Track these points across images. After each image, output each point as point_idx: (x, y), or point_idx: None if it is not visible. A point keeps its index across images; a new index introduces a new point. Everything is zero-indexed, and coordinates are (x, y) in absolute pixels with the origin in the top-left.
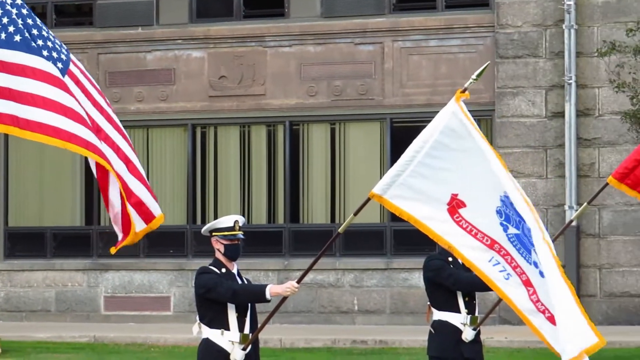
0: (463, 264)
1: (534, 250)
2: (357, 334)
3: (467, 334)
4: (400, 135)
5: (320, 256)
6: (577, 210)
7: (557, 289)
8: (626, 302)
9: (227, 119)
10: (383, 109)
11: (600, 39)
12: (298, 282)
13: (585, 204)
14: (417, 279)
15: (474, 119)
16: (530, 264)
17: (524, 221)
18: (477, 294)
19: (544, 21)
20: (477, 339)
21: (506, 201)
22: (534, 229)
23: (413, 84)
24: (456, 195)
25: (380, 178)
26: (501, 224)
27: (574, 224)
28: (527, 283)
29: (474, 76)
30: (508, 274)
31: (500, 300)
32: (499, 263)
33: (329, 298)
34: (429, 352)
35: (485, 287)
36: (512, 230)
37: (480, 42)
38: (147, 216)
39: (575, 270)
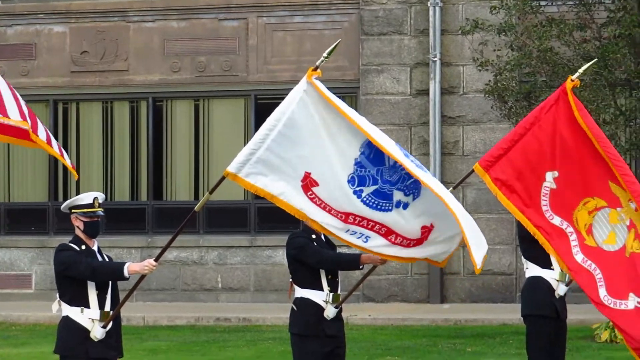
0: (327, 241)
1: (400, 184)
2: (220, 312)
3: (329, 312)
4: (265, 111)
5: (177, 234)
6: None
7: (447, 202)
8: (489, 280)
9: (89, 95)
10: (247, 85)
11: (464, 17)
12: (156, 260)
13: (450, 189)
14: (281, 256)
15: (339, 96)
16: (390, 210)
17: (387, 162)
18: (340, 272)
19: None
20: (339, 317)
21: (363, 158)
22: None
23: (277, 60)
24: (309, 173)
25: None
26: (355, 192)
27: None
28: (388, 232)
29: (325, 54)
30: (367, 236)
31: (363, 278)
32: (355, 233)
33: (192, 275)
34: (291, 329)
35: (348, 266)
36: (367, 190)
37: (345, 19)
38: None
39: None
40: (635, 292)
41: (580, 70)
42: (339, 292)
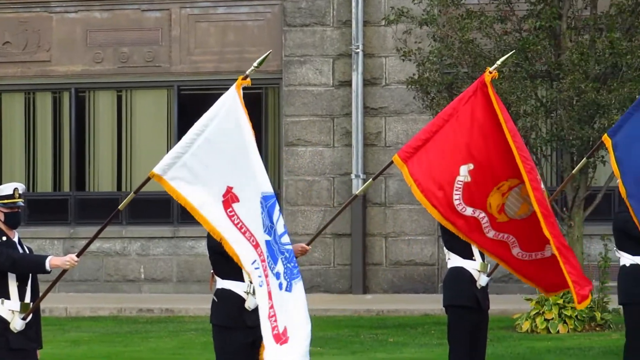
0: None
1: (281, 259)
2: (143, 303)
3: (250, 303)
4: (188, 103)
5: (100, 232)
6: (363, 179)
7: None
8: (411, 271)
9: (11, 86)
10: (170, 76)
11: (387, 8)
12: (78, 255)
13: (370, 180)
14: (204, 247)
15: (262, 88)
16: (273, 274)
17: (275, 226)
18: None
19: None
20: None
21: (263, 203)
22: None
23: (201, 51)
24: (231, 188)
25: (168, 146)
26: (263, 225)
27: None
28: (269, 295)
29: (255, 64)
30: (262, 281)
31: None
32: (259, 268)
33: (115, 266)
34: (212, 320)
35: None
36: (265, 236)
37: (269, 10)
38: None
39: (362, 239)
40: (546, 244)
41: (498, 62)
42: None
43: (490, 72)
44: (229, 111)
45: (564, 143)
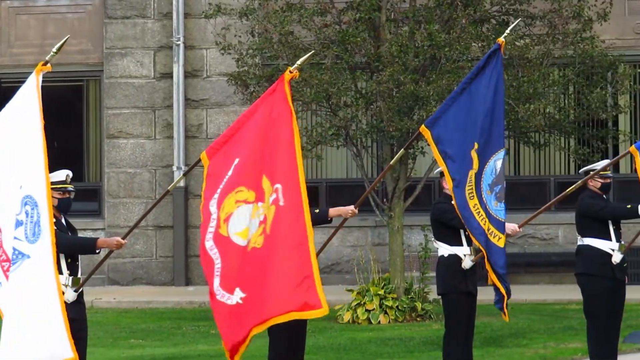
0: (67, 224)
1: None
2: None
3: (69, 295)
4: (10, 96)
5: None
6: (185, 170)
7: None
8: None
9: None
10: None
11: (207, 1)
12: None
13: (181, 175)
14: None
15: (83, 80)
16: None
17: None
18: (82, 256)
19: None
20: (80, 300)
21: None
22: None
23: (21, 44)
24: None
25: None
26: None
27: (182, 184)
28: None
29: (54, 49)
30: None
31: (101, 262)
32: None
33: None
34: None
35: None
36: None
37: (89, 2)
38: None
39: (184, 231)
40: (241, 287)
41: (299, 62)
42: (79, 275)
43: (291, 72)
44: (24, 102)
45: (384, 134)
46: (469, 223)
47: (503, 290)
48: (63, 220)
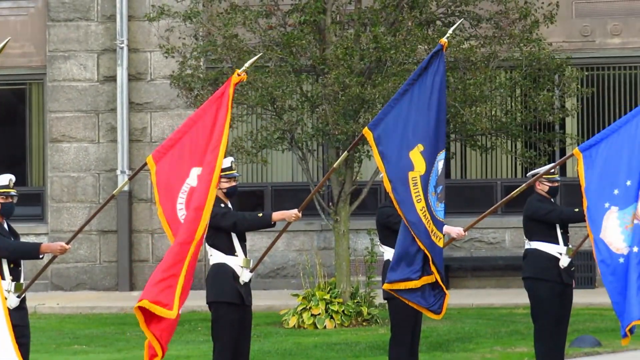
0: (10, 229)
1: None
2: None
3: (12, 302)
4: None
5: None
6: (129, 175)
7: None
8: None
9: None
10: None
11: (150, 4)
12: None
13: (127, 179)
14: None
15: (26, 83)
16: None
17: None
18: (26, 262)
19: None
20: (22, 306)
21: None
22: None
23: None
24: None
25: None
26: None
27: (126, 188)
28: None
29: None
30: None
31: (44, 268)
32: None
33: None
34: None
35: (28, 255)
36: None
37: (32, 5)
38: None
39: (128, 236)
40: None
41: (246, 65)
42: (21, 281)
43: (239, 74)
44: None
45: (329, 138)
46: (412, 224)
47: (445, 289)
48: (5, 225)
